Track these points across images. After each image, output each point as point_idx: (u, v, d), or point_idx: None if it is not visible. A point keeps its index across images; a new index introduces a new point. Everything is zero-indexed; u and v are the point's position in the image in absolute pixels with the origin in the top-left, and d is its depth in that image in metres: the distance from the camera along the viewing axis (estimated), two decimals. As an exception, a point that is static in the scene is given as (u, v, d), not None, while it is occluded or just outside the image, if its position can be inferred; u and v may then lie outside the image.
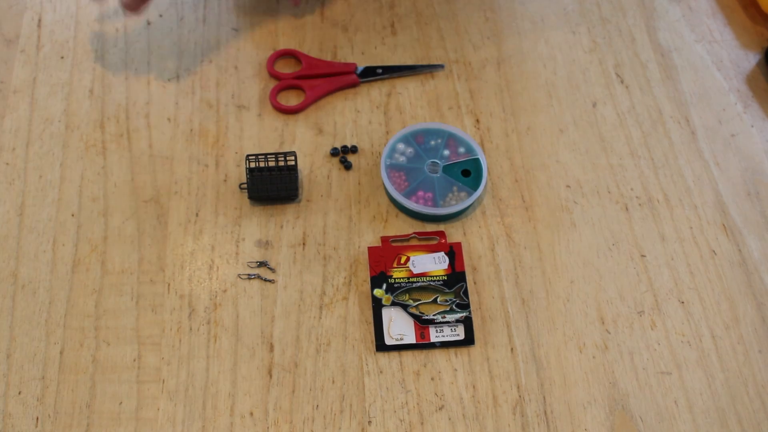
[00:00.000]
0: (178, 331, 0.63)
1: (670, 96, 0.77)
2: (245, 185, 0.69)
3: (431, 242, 0.68)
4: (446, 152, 0.71)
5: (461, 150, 0.71)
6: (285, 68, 0.78)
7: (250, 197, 0.68)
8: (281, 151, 0.71)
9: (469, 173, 0.70)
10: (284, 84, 0.76)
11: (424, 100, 0.76)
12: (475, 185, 0.69)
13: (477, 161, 0.70)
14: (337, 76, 0.76)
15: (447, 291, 0.65)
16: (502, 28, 0.81)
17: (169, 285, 0.65)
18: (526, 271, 0.67)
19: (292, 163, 0.68)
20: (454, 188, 0.69)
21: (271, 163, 0.67)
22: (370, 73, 0.76)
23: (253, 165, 0.67)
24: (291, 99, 0.76)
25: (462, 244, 0.67)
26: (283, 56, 0.78)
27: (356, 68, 0.76)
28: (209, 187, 0.70)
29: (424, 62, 0.78)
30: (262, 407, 0.60)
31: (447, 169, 0.70)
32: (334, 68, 0.77)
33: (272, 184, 0.67)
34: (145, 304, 0.64)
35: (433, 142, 0.71)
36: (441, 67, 0.77)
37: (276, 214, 0.69)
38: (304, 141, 0.73)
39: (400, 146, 0.71)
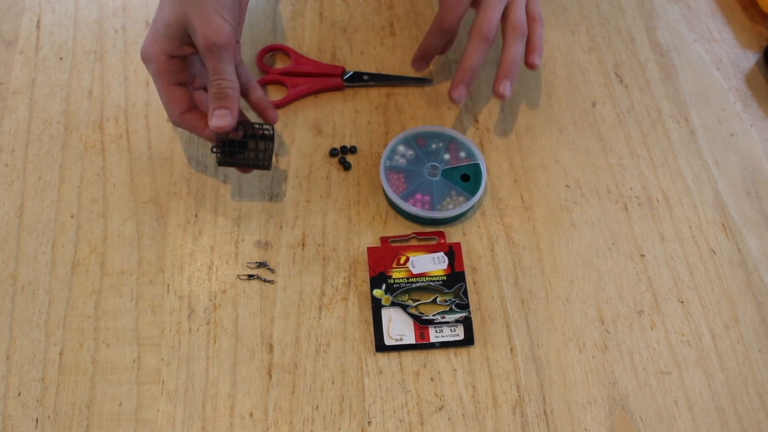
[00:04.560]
0: (177, 332, 0.63)
1: (669, 95, 0.77)
2: (217, 149, 0.64)
3: (430, 242, 0.68)
4: (447, 156, 0.71)
5: (462, 154, 0.71)
6: (274, 64, 0.78)
7: (220, 163, 0.64)
8: (258, 122, 0.67)
9: (468, 178, 0.70)
10: (268, 79, 0.76)
11: (423, 100, 0.76)
12: (474, 190, 0.68)
13: (477, 166, 0.70)
14: (322, 77, 0.76)
15: (446, 291, 0.65)
16: (501, 28, 0.81)
17: (168, 286, 0.65)
18: (525, 271, 0.67)
19: (269, 132, 0.65)
20: (453, 192, 0.69)
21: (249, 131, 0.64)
22: (357, 79, 0.76)
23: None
24: (274, 95, 0.76)
25: (461, 245, 0.67)
26: (274, 51, 0.78)
27: (344, 72, 0.76)
28: (208, 188, 0.70)
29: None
30: (262, 408, 0.60)
31: (446, 173, 0.70)
32: (321, 69, 0.76)
33: (245, 150, 0.64)
34: (145, 305, 0.64)
35: (434, 146, 0.71)
36: (429, 81, 0.76)
37: (275, 214, 0.69)
38: (303, 141, 0.73)
39: (401, 148, 0.71)
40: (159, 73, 0.62)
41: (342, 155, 0.72)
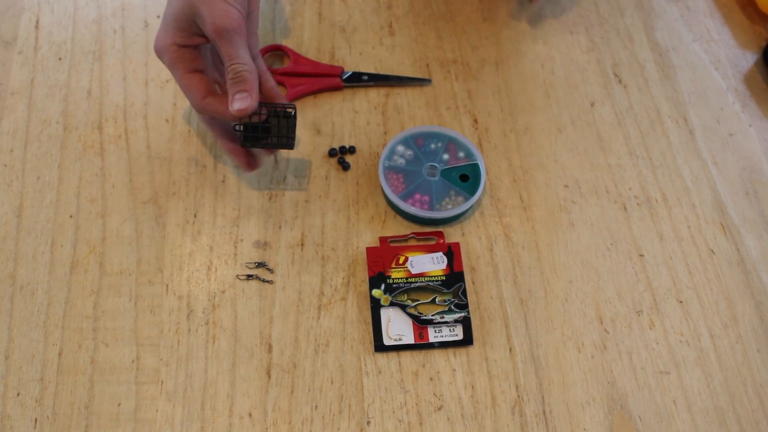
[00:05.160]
0: (176, 332, 0.63)
1: (668, 95, 0.77)
2: (240, 127, 0.64)
3: (429, 242, 0.68)
4: (446, 156, 0.71)
5: (461, 155, 0.71)
6: (273, 64, 0.78)
7: (244, 144, 0.64)
8: (280, 103, 0.66)
9: (467, 178, 0.70)
10: None
11: (422, 100, 0.76)
12: (473, 190, 0.68)
13: (476, 166, 0.70)
14: (321, 77, 0.76)
15: (445, 291, 0.65)
16: (500, 28, 0.81)
17: (167, 286, 0.65)
18: (524, 271, 0.67)
19: (291, 111, 0.64)
20: (452, 192, 0.69)
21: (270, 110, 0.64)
22: (356, 79, 0.76)
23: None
24: None
25: (460, 245, 0.67)
26: (273, 51, 0.78)
27: (342, 72, 0.76)
28: (207, 188, 0.70)
29: (422, 63, 0.78)
30: (261, 408, 0.60)
31: (445, 173, 0.70)
32: (320, 69, 0.76)
33: (268, 131, 0.64)
34: (144, 305, 0.64)
35: (433, 146, 0.71)
36: (428, 81, 0.77)
37: (274, 214, 0.69)
38: (302, 141, 0.73)
39: (400, 148, 0.71)
40: (174, 62, 0.62)
41: (341, 155, 0.72)
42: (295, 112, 0.64)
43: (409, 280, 0.65)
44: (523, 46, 0.80)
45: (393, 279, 0.65)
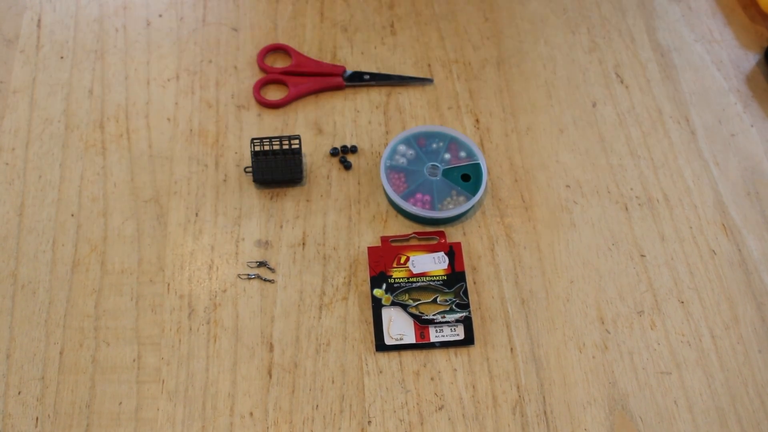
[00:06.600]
0: (177, 331, 0.63)
1: (669, 96, 0.77)
2: (250, 168, 0.69)
3: (431, 242, 0.68)
4: (447, 156, 0.71)
5: (462, 154, 0.71)
6: (275, 63, 0.78)
7: (255, 180, 0.69)
8: (285, 135, 0.71)
9: (468, 178, 0.70)
10: (269, 78, 0.76)
11: (424, 100, 0.76)
12: (474, 190, 0.68)
13: (477, 166, 0.70)
14: (323, 77, 0.76)
15: (447, 291, 0.65)
16: (502, 28, 0.81)
17: (168, 285, 0.65)
18: (525, 271, 0.67)
19: (297, 146, 0.68)
20: (453, 192, 0.69)
21: (276, 146, 0.68)
22: (358, 78, 0.76)
23: (258, 149, 0.68)
24: (276, 94, 0.76)
25: (462, 244, 0.67)
26: (275, 51, 0.79)
27: (344, 71, 0.76)
28: (209, 187, 0.70)
29: (424, 62, 0.78)
30: (262, 407, 0.60)
31: (447, 172, 0.70)
32: (322, 68, 0.76)
33: (277, 167, 0.68)
34: (145, 305, 0.64)
35: (434, 145, 0.71)
36: (430, 81, 0.77)
37: (275, 213, 0.69)
38: (304, 141, 0.73)
39: (402, 148, 0.71)
40: None
41: (342, 155, 0.72)
42: (300, 145, 0.68)
43: (411, 279, 0.65)
44: (525, 46, 0.80)
45: (394, 278, 0.65)
